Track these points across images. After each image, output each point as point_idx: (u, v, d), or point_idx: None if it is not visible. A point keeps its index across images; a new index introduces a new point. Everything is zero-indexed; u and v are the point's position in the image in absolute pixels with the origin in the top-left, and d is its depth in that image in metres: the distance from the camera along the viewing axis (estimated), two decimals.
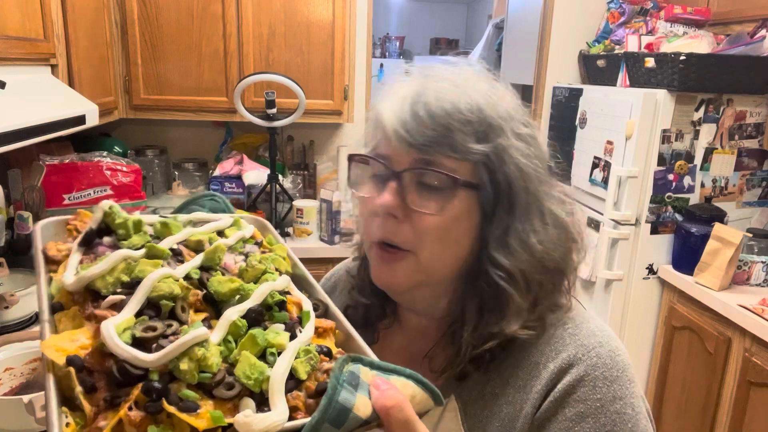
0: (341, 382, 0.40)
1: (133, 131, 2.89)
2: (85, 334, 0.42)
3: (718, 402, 2.08)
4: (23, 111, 1.40)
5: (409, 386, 0.43)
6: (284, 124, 2.46)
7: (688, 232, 2.28)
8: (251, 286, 0.48)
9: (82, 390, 0.38)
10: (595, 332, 0.67)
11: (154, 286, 0.44)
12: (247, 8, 2.47)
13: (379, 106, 0.67)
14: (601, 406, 0.62)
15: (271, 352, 0.43)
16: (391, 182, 0.64)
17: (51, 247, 0.53)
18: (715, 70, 2.18)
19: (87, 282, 0.45)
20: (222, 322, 0.43)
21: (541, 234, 0.66)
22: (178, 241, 0.53)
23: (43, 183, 2.00)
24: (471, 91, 0.64)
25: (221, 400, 0.39)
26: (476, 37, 5.26)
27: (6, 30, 1.47)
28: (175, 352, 0.39)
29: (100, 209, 0.53)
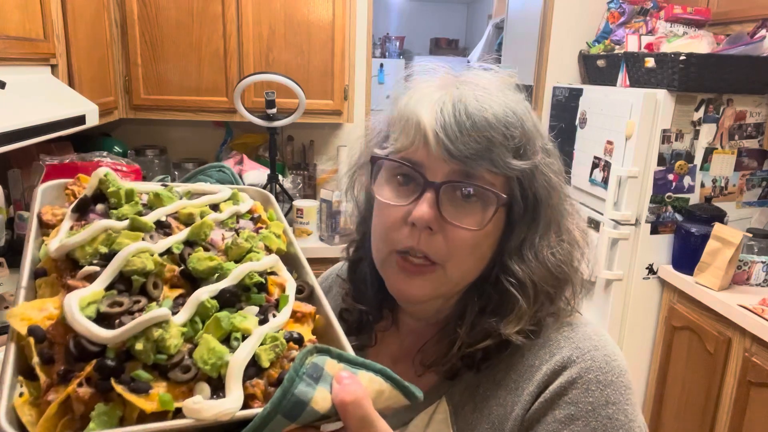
0: (300, 374, 0.38)
1: (133, 131, 2.89)
2: (55, 303, 0.41)
3: (718, 402, 2.08)
4: (23, 111, 1.40)
5: (376, 382, 0.42)
6: (284, 124, 2.46)
7: (688, 232, 2.28)
8: (230, 265, 0.47)
9: (39, 361, 0.37)
10: (591, 336, 0.66)
11: (127, 260, 0.43)
12: (247, 8, 2.47)
13: (413, 108, 0.63)
14: (593, 410, 0.60)
15: (236, 336, 0.41)
16: (428, 193, 0.61)
17: (46, 211, 0.52)
18: (715, 70, 2.18)
19: (67, 250, 0.45)
20: (190, 302, 0.42)
21: (556, 248, 0.66)
22: (169, 213, 0.52)
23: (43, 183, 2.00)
24: (511, 102, 0.63)
25: (176, 382, 0.38)
26: (476, 37, 5.26)
27: (6, 30, 1.47)
28: (133, 331, 0.38)
29: (96, 176, 0.52)
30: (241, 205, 0.58)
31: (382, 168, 0.67)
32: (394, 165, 0.65)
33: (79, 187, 0.56)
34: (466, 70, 0.67)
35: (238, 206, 0.57)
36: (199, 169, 0.67)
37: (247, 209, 0.58)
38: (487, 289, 0.67)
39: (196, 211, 0.53)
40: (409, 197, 0.63)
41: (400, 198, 0.64)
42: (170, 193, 0.55)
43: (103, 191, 0.52)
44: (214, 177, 0.66)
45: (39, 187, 0.55)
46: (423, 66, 0.69)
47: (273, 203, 0.64)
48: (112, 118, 2.45)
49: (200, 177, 0.66)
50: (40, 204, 0.54)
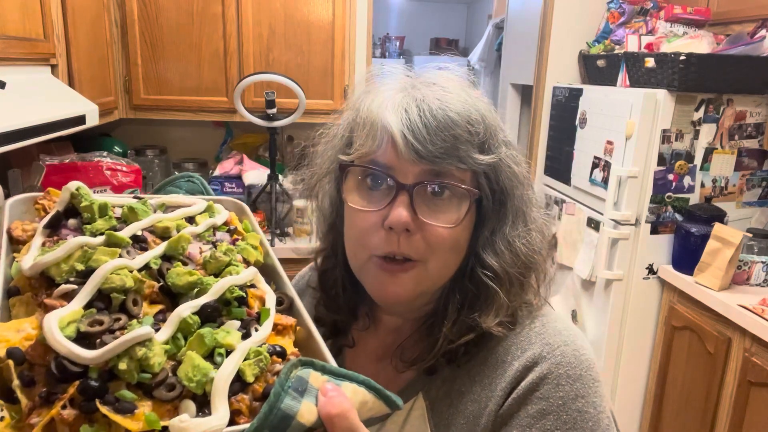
0: (286, 388, 0.38)
1: (133, 131, 2.89)
2: (33, 323, 0.40)
3: (718, 402, 2.08)
4: (23, 111, 1.40)
5: (360, 393, 0.42)
6: (284, 124, 2.46)
7: (688, 232, 2.28)
8: (210, 280, 0.46)
9: (19, 384, 0.37)
10: (561, 331, 0.67)
11: (106, 278, 0.42)
12: (247, 8, 2.47)
13: (377, 112, 0.64)
14: (563, 404, 0.62)
15: (219, 352, 0.41)
16: (402, 196, 0.62)
17: (16, 226, 0.51)
18: (715, 70, 2.18)
19: (42, 268, 0.44)
20: (172, 319, 0.42)
21: (525, 237, 0.68)
22: (144, 227, 0.51)
23: (43, 183, 1.99)
24: (471, 99, 0.64)
25: (161, 401, 0.38)
26: (476, 37, 5.26)
27: (6, 30, 1.47)
28: (116, 351, 0.37)
29: (67, 190, 0.51)
30: (217, 217, 0.57)
31: (349, 174, 0.67)
32: (363, 170, 0.65)
33: (49, 201, 0.54)
34: (424, 71, 0.68)
35: (214, 218, 0.56)
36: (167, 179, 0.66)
37: (223, 221, 0.58)
38: (465, 283, 0.68)
39: (172, 224, 0.52)
40: (381, 201, 0.64)
41: (372, 203, 0.65)
42: (145, 207, 0.53)
43: (76, 206, 0.51)
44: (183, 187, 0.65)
45: (6, 202, 0.54)
46: (381, 69, 0.71)
47: (248, 213, 0.64)
48: (112, 118, 2.45)
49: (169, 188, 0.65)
50: (9, 219, 0.52)
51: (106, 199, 0.52)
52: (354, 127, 0.68)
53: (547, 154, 3.01)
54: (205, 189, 0.66)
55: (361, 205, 0.65)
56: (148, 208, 0.54)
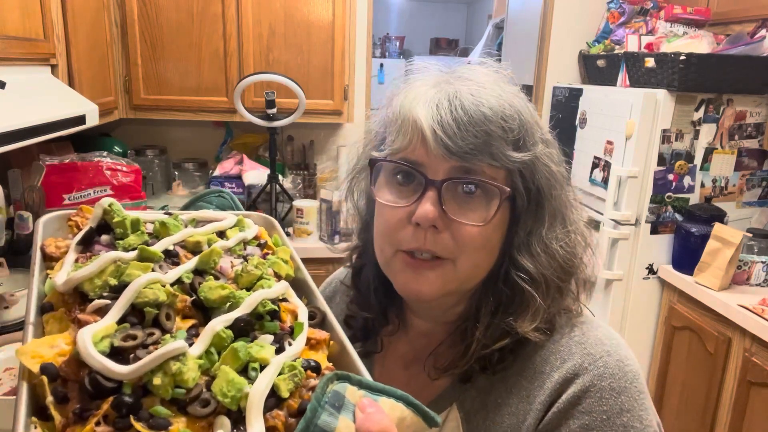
0: (323, 404, 0.38)
1: (133, 131, 2.89)
2: (65, 339, 0.40)
3: (718, 402, 2.08)
4: (23, 111, 1.40)
5: (398, 408, 0.41)
6: (284, 124, 2.46)
7: (688, 232, 2.28)
8: (242, 294, 0.46)
9: (53, 400, 0.36)
10: (603, 340, 0.65)
11: (139, 292, 0.42)
12: (247, 8, 2.47)
13: (409, 107, 0.62)
14: (608, 419, 0.59)
15: (253, 367, 0.40)
16: (430, 192, 0.61)
17: (50, 243, 0.51)
18: (715, 70, 2.18)
19: (75, 283, 0.44)
20: (205, 333, 0.41)
21: (563, 240, 0.65)
22: (176, 242, 0.51)
23: (43, 183, 2.00)
24: (507, 95, 0.63)
25: (195, 417, 0.37)
26: (476, 37, 5.26)
27: (6, 30, 1.47)
28: (150, 366, 0.37)
29: (100, 206, 0.51)
30: (248, 232, 0.57)
31: (381, 170, 0.67)
32: (393, 166, 0.64)
33: (81, 218, 0.55)
34: (459, 66, 0.67)
35: (244, 233, 0.56)
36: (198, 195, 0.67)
37: (253, 235, 0.57)
38: (499, 286, 0.66)
39: (203, 239, 0.52)
40: (410, 197, 0.63)
41: (402, 199, 0.64)
42: (176, 222, 0.54)
43: (108, 222, 0.51)
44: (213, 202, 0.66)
45: (40, 220, 0.54)
46: (416, 65, 0.69)
47: (277, 228, 0.63)
48: (112, 118, 2.45)
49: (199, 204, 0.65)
50: (43, 236, 0.52)
51: (138, 215, 0.52)
52: (387, 123, 0.67)
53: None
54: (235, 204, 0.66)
55: (390, 201, 0.64)
56: (180, 223, 0.54)
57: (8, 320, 1.61)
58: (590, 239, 0.70)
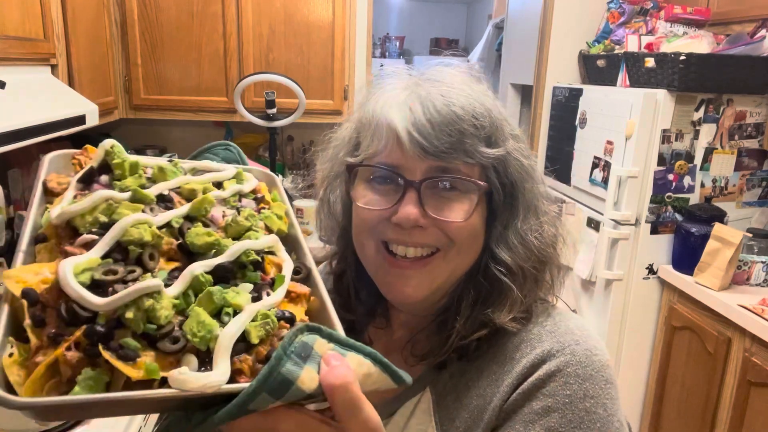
0: (288, 353, 0.38)
1: (133, 131, 2.89)
2: (51, 268, 0.41)
3: (718, 402, 2.08)
4: (23, 111, 1.40)
5: (365, 365, 0.41)
6: (284, 124, 2.46)
7: (688, 232, 2.28)
8: (228, 242, 0.47)
9: (30, 323, 0.38)
10: (573, 330, 0.66)
11: (125, 230, 0.43)
12: (247, 8, 2.47)
13: (382, 111, 0.64)
14: (570, 402, 0.60)
15: (227, 312, 0.41)
16: (410, 193, 0.62)
17: (52, 179, 0.52)
18: (715, 70, 2.18)
19: (68, 217, 0.45)
20: (184, 275, 0.42)
21: (537, 230, 0.67)
22: (171, 187, 0.52)
23: None
24: (476, 94, 0.64)
25: (164, 353, 0.38)
26: (476, 37, 5.26)
27: (6, 30, 1.47)
28: (124, 299, 0.38)
29: (102, 147, 0.52)
30: (245, 185, 0.58)
31: (357, 175, 0.68)
32: (371, 170, 0.66)
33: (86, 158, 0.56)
34: (427, 69, 0.68)
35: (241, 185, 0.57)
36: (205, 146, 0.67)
37: (250, 189, 0.58)
38: (479, 279, 0.67)
39: (198, 187, 0.53)
40: (390, 200, 0.64)
41: (381, 202, 0.65)
42: (175, 169, 0.55)
43: (109, 162, 0.52)
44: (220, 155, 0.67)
45: (46, 156, 0.55)
46: (385, 70, 0.70)
47: (278, 185, 0.64)
48: (112, 118, 2.45)
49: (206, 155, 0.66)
50: (47, 172, 0.54)
51: (139, 158, 0.53)
52: (360, 128, 0.68)
53: (547, 154, 3.01)
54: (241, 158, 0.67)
55: (370, 204, 0.65)
56: (179, 170, 0.55)
57: None
58: (561, 229, 0.72)
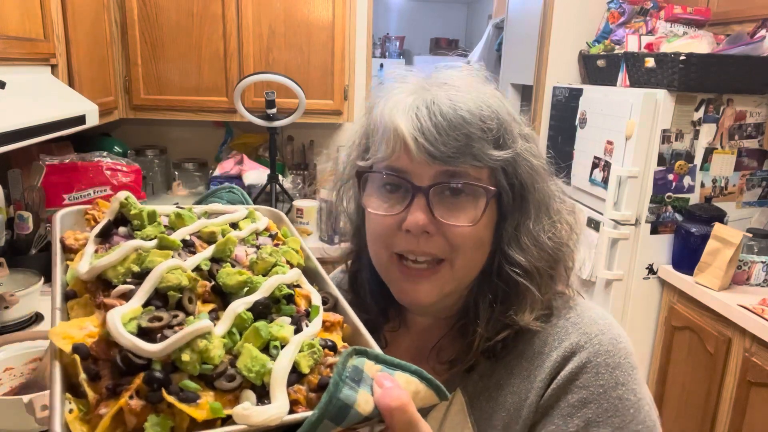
0: (344, 378, 0.39)
1: (133, 131, 2.89)
2: (93, 322, 0.42)
3: (718, 402, 2.08)
4: (23, 111, 1.40)
5: (413, 383, 0.43)
6: (284, 124, 2.46)
7: (688, 232, 2.28)
8: (260, 279, 0.48)
9: (86, 377, 0.38)
10: (596, 320, 0.68)
11: (162, 277, 0.44)
12: (247, 8, 2.47)
13: (389, 117, 0.64)
14: (604, 392, 0.62)
15: (275, 345, 0.42)
16: (419, 199, 0.63)
17: (69, 236, 0.53)
18: (715, 70, 2.18)
19: (99, 271, 0.46)
20: (227, 314, 0.43)
21: (550, 230, 0.68)
22: (191, 232, 0.53)
23: (43, 183, 1.99)
24: (483, 96, 0.64)
25: (222, 391, 0.39)
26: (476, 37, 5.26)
27: (6, 30, 1.47)
28: (178, 343, 0.39)
29: (117, 200, 0.53)
30: (259, 223, 0.59)
31: (367, 180, 0.68)
32: (379, 175, 0.66)
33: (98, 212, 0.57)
34: (435, 71, 0.68)
35: (256, 224, 0.59)
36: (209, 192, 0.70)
37: (264, 226, 0.60)
38: (493, 280, 0.68)
39: (217, 229, 0.54)
40: (399, 205, 0.64)
41: (391, 207, 0.65)
42: (190, 213, 0.56)
43: (125, 214, 0.53)
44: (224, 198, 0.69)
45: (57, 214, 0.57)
46: (393, 73, 0.70)
47: (285, 221, 0.66)
48: (112, 118, 2.45)
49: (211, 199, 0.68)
50: (61, 230, 0.55)
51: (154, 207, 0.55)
52: (368, 132, 0.69)
53: (547, 154, 3.00)
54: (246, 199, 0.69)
55: (380, 210, 0.66)
56: (193, 215, 0.57)
57: (8, 320, 1.61)
58: (575, 225, 0.72)
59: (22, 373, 1.28)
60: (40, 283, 1.70)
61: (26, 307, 1.64)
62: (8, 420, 1.08)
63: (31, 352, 1.29)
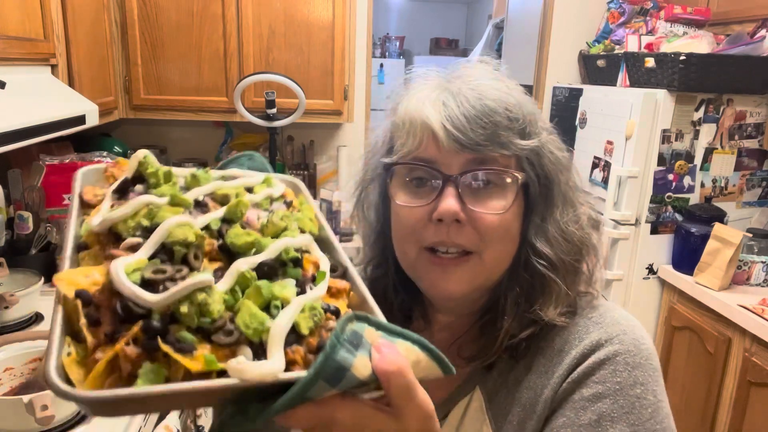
0: (341, 341, 0.39)
1: (133, 131, 2.89)
2: (100, 271, 0.42)
3: (718, 402, 2.08)
4: (23, 111, 1.40)
5: (413, 351, 0.42)
6: (284, 124, 2.46)
7: (688, 232, 2.28)
8: (267, 241, 0.48)
9: (86, 322, 0.39)
10: (619, 321, 0.67)
11: (169, 232, 0.44)
12: (247, 8, 2.47)
13: (416, 110, 0.64)
14: (621, 389, 0.61)
15: (275, 305, 0.42)
16: (449, 187, 0.63)
17: (88, 191, 0.54)
18: (715, 70, 2.18)
19: (110, 224, 0.46)
20: (231, 272, 0.43)
21: (576, 222, 0.68)
22: (205, 193, 0.53)
23: (43, 183, 1.99)
24: (507, 88, 0.65)
25: (219, 345, 0.39)
26: (476, 37, 5.26)
27: (6, 30, 1.47)
28: (177, 295, 0.39)
29: (135, 158, 0.54)
30: (274, 189, 0.59)
31: (393, 175, 0.68)
32: (407, 168, 0.66)
33: (118, 170, 0.57)
34: (455, 68, 0.69)
35: (271, 189, 0.59)
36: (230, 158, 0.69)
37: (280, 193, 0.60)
38: (521, 274, 0.67)
39: (231, 192, 0.54)
40: (428, 196, 0.64)
41: (419, 199, 0.65)
42: (206, 175, 0.56)
43: (142, 173, 0.53)
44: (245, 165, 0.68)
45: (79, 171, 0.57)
46: (415, 72, 0.70)
47: (303, 190, 0.65)
48: (112, 118, 2.45)
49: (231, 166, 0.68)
50: (81, 185, 0.56)
51: (171, 168, 0.55)
52: (394, 129, 0.68)
53: None
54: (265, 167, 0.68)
55: (408, 203, 0.66)
56: (210, 177, 0.57)
57: (8, 320, 1.61)
58: (597, 218, 0.72)
59: (22, 373, 1.28)
60: (40, 283, 1.70)
61: (26, 307, 1.64)
62: (8, 420, 1.08)
63: (31, 352, 1.29)
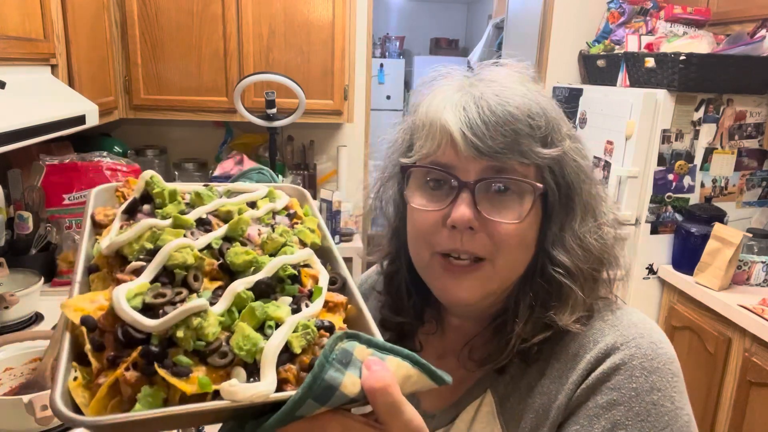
0: (330, 360, 0.40)
1: (133, 131, 2.89)
2: (105, 295, 0.44)
3: (718, 402, 2.08)
4: (23, 111, 1.40)
5: (404, 367, 0.43)
6: (284, 124, 2.46)
7: (688, 232, 2.28)
8: (265, 259, 0.49)
9: (90, 348, 0.41)
10: (636, 323, 0.65)
11: (169, 255, 0.46)
12: (247, 8, 2.47)
13: (436, 112, 0.63)
14: (636, 395, 0.59)
15: (270, 325, 0.43)
16: (464, 193, 0.62)
17: (99, 212, 0.56)
18: (715, 70, 2.18)
19: (117, 247, 0.49)
20: (227, 293, 0.45)
21: (596, 233, 0.66)
22: (208, 211, 0.55)
23: (43, 183, 1.99)
24: (531, 93, 0.63)
25: (215, 367, 0.41)
26: (476, 37, 5.26)
27: (6, 30, 1.47)
28: (174, 320, 0.41)
29: (142, 179, 0.56)
30: (277, 202, 0.61)
31: (411, 176, 0.67)
32: (424, 171, 0.65)
33: (128, 189, 0.60)
34: (481, 69, 0.68)
35: (273, 203, 0.60)
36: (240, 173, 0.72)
37: (282, 206, 0.61)
38: (537, 280, 0.66)
39: (234, 208, 0.56)
40: (443, 201, 0.63)
41: (435, 203, 0.64)
42: (210, 193, 0.58)
43: (150, 192, 0.56)
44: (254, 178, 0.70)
45: (92, 190, 0.60)
46: (439, 71, 0.69)
47: (309, 199, 0.67)
48: (112, 118, 2.45)
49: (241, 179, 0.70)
50: (93, 206, 0.58)
51: (177, 186, 0.57)
52: (414, 129, 0.68)
53: None
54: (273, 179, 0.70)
55: (423, 206, 0.65)
56: (214, 194, 0.59)
57: (8, 320, 1.61)
58: (621, 231, 0.70)
59: (22, 373, 1.27)
60: (40, 283, 1.70)
61: (26, 307, 1.64)
62: (8, 420, 1.08)
63: (31, 352, 1.29)
